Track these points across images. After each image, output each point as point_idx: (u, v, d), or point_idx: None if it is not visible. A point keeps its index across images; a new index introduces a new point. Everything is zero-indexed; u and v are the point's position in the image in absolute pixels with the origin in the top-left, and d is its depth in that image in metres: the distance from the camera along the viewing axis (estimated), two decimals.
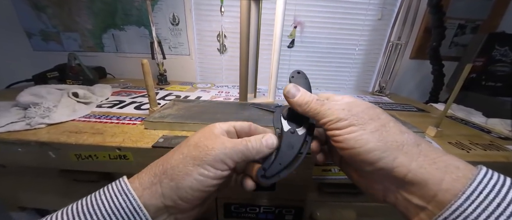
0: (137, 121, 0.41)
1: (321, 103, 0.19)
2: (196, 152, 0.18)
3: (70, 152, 0.33)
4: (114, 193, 0.17)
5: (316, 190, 0.40)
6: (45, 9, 0.76)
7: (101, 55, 0.84)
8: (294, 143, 0.21)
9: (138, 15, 0.77)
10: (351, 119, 0.17)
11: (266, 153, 0.20)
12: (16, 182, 0.42)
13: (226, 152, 0.18)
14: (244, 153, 0.19)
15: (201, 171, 0.18)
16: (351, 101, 0.19)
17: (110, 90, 0.61)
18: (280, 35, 0.48)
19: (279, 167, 0.20)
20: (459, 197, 0.13)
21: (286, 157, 0.20)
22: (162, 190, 0.17)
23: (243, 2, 0.44)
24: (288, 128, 0.22)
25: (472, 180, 0.14)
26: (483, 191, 0.13)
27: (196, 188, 0.17)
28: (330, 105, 0.19)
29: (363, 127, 0.17)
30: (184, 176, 0.17)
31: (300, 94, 0.20)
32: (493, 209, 0.12)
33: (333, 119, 0.18)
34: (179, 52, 0.84)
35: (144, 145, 0.32)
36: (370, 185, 0.19)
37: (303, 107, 0.20)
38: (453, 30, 0.78)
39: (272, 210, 0.41)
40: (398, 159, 0.16)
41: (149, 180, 0.18)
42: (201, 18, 0.79)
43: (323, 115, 0.19)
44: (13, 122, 0.37)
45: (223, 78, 0.87)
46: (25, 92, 0.43)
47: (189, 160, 0.18)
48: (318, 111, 0.19)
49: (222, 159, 0.18)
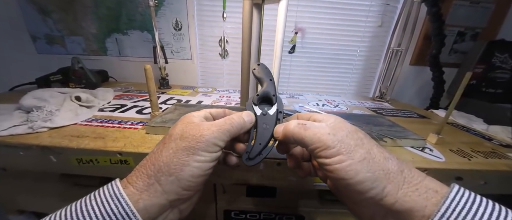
0: (139, 126, 0.41)
1: (305, 128, 0.19)
2: (186, 143, 0.19)
3: (71, 157, 0.33)
4: (105, 198, 0.16)
5: (317, 198, 0.40)
6: (51, 13, 0.78)
7: (104, 59, 0.85)
8: (268, 122, 0.24)
9: (141, 20, 0.78)
10: (338, 147, 0.17)
11: (248, 127, 0.23)
12: (16, 186, 0.42)
13: (215, 135, 0.19)
14: (230, 131, 0.20)
15: (198, 158, 0.18)
16: (334, 124, 0.19)
17: (112, 94, 0.61)
18: (281, 41, 0.49)
19: (260, 147, 0.23)
20: (434, 215, 0.14)
21: (263, 136, 0.23)
22: (162, 188, 0.18)
23: (245, 8, 0.45)
24: (260, 111, 0.25)
25: (445, 198, 0.14)
26: (456, 208, 0.14)
27: (197, 175, 0.19)
28: (315, 129, 0.19)
29: (351, 156, 0.17)
30: (182, 168, 0.18)
31: (282, 128, 0.21)
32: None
33: (320, 146, 0.18)
34: (181, 57, 0.85)
35: (145, 150, 0.32)
36: (358, 209, 0.20)
37: (287, 137, 0.20)
38: (453, 37, 0.79)
39: (272, 217, 0.41)
40: (386, 188, 0.16)
41: (144, 182, 0.18)
42: (203, 23, 0.80)
43: (309, 142, 0.18)
44: (15, 125, 0.37)
45: (225, 83, 0.88)
46: (28, 95, 0.43)
47: (181, 152, 0.18)
48: (303, 137, 0.19)
49: (214, 142, 0.19)
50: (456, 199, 0.14)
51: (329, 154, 0.17)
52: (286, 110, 0.53)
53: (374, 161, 0.17)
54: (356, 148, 0.17)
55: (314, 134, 0.18)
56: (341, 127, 0.19)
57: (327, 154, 0.17)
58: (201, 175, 0.19)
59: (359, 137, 0.18)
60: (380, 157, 0.17)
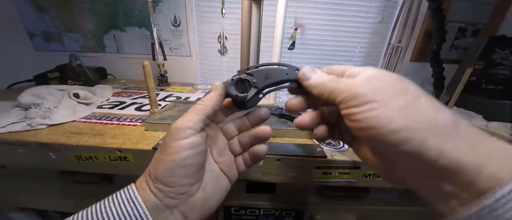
0: (138, 123, 0.41)
1: (337, 80, 0.17)
2: (162, 142, 0.19)
3: (70, 153, 0.33)
4: (122, 201, 0.17)
5: (316, 193, 0.40)
6: (47, 10, 0.77)
7: (102, 55, 0.84)
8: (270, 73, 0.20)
9: (139, 16, 0.78)
10: (370, 94, 0.15)
11: (214, 96, 0.20)
12: (16, 183, 0.42)
13: (180, 121, 0.18)
14: (195, 109, 0.19)
15: (168, 151, 0.18)
16: (373, 74, 0.16)
17: (110, 91, 0.61)
18: (281, 37, 0.48)
19: (265, 82, 0.20)
20: (507, 183, 0.11)
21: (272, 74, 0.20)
22: (149, 187, 0.18)
23: (244, 4, 0.44)
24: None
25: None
26: None
27: (171, 168, 0.17)
28: (348, 81, 0.16)
29: (387, 103, 0.14)
30: (157, 165, 0.18)
31: (316, 76, 0.18)
32: None
33: (348, 95, 0.15)
34: (180, 53, 0.84)
35: (144, 146, 0.32)
36: (390, 167, 0.17)
37: (318, 88, 0.18)
38: (454, 33, 0.79)
39: (272, 213, 0.41)
40: (429, 141, 0.13)
41: (142, 183, 0.18)
42: (202, 19, 0.79)
43: (338, 93, 0.16)
44: (14, 122, 0.37)
45: (224, 80, 0.87)
46: (26, 92, 0.43)
47: (159, 150, 0.18)
48: (333, 89, 0.17)
49: (179, 127, 0.18)
50: None
51: (359, 102, 0.15)
52: None
53: (418, 111, 0.14)
54: (395, 96, 0.14)
55: (345, 84, 0.16)
56: (381, 76, 0.16)
57: (357, 102, 0.15)
58: (177, 167, 0.17)
59: (403, 86, 0.15)
60: (429, 107, 0.14)
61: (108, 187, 0.40)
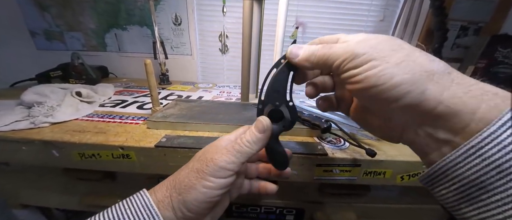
0: (140, 121, 0.41)
1: (329, 46, 0.17)
2: (198, 165, 0.19)
3: (73, 151, 0.33)
4: (138, 207, 0.18)
5: (317, 191, 0.40)
6: (49, 9, 0.77)
7: (104, 54, 0.85)
8: None
9: (140, 15, 0.78)
10: (369, 52, 0.15)
11: (262, 139, 0.19)
12: (19, 180, 0.43)
13: (224, 158, 0.18)
14: (241, 150, 0.18)
15: (205, 184, 0.18)
16: (366, 36, 0.16)
17: (112, 90, 0.61)
18: (282, 36, 0.48)
19: None
20: (493, 123, 0.11)
21: None
22: (172, 203, 0.18)
23: (245, 2, 0.44)
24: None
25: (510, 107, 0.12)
26: None
27: (201, 200, 0.18)
28: (342, 44, 0.16)
29: (386, 60, 0.14)
30: (189, 190, 0.18)
31: (303, 50, 0.18)
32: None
33: (348, 57, 0.15)
34: (181, 52, 0.84)
35: (146, 144, 0.33)
36: (387, 124, 0.17)
37: (310, 59, 0.18)
38: (456, 31, 0.78)
39: (273, 211, 0.41)
40: (428, 90, 0.13)
41: (162, 194, 0.19)
42: (203, 18, 0.79)
43: (336, 57, 0.16)
44: (17, 120, 0.37)
45: (225, 78, 0.88)
46: (29, 91, 0.43)
47: (193, 173, 0.19)
48: (328, 55, 0.16)
49: (222, 166, 0.18)
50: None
51: (358, 63, 0.15)
52: None
53: (415, 63, 0.14)
54: (392, 52, 0.14)
55: (340, 47, 0.16)
56: (374, 36, 0.16)
57: (356, 63, 0.15)
58: (205, 201, 0.18)
59: (396, 43, 0.15)
60: (424, 58, 0.14)
61: (111, 185, 0.40)
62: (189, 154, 0.32)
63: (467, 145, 0.12)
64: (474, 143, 0.12)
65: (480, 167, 0.12)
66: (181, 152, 0.32)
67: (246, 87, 0.52)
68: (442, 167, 0.14)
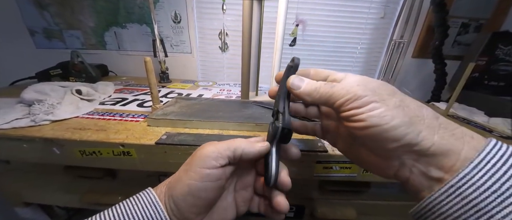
0: (140, 118, 0.41)
1: (331, 85, 0.18)
2: (189, 159, 0.19)
3: (74, 149, 0.33)
4: (145, 204, 0.18)
5: (317, 188, 0.40)
6: (48, 7, 0.77)
7: (103, 53, 0.84)
8: None
9: (140, 13, 0.77)
10: (370, 95, 0.16)
11: (254, 142, 0.20)
12: (21, 178, 0.43)
13: (213, 149, 0.19)
14: (228, 144, 0.19)
15: (189, 174, 0.18)
16: (361, 78, 0.18)
17: (112, 88, 0.61)
18: (282, 34, 0.48)
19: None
20: (467, 165, 0.13)
21: None
22: (165, 199, 0.19)
23: (245, 0, 0.44)
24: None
25: (481, 150, 0.14)
26: (491, 160, 0.13)
27: (185, 193, 0.18)
28: (342, 84, 0.18)
29: (385, 103, 0.16)
30: (176, 183, 0.18)
31: (305, 83, 0.19)
32: (499, 177, 0.13)
33: (350, 98, 0.17)
34: (181, 50, 0.84)
35: (147, 141, 0.33)
36: (384, 162, 0.18)
37: (312, 95, 0.19)
38: (456, 29, 0.78)
39: None
40: (422, 133, 0.15)
41: (160, 190, 0.19)
42: (203, 16, 0.79)
43: (338, 96, 0.17)
44: (18, 118, 0.37)
45: (225, 76, 0.87)
46: (29, 89, 0.43)
47: (183, 167, 0.19)
48: (330, 94, 0.18)
49: (207, 155, 0.18)
50: (493, 152, 0.14)
51: (361, 103, 0.16)
52: None
53: (409, 108, 0.16)
54: (389, 97, 0.16)
55: (342, 87, 0.17)
56: (370, 80, 0.17)
57: (359, 103, 0.16)
58: (191, 195, 0.18)
59: (390, 88, 0.17)
60: (414, 105, 0.16)
61: (111, 182, 0.40)
62: (189, 151, 0.32)
63: (447, 184, 0.14)
64: (453, 183, 0.14)
65: (460, 206, 0.13)
66: (181, 149, 0.32)
67: (246, 85, 0.52)
68: (429, 204, 0.15)
